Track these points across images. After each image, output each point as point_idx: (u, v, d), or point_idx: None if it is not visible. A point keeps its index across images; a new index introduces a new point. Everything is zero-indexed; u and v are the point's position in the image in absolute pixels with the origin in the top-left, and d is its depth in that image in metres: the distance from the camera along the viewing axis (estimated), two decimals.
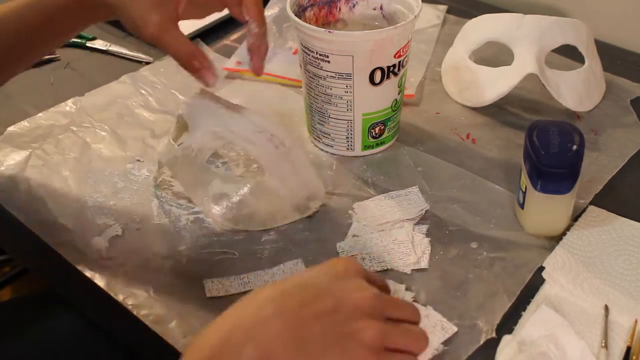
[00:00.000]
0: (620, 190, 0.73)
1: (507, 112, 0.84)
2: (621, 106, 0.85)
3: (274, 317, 0.43)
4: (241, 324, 0.43)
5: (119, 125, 0.83)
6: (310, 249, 0.67)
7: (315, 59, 0.71)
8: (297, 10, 0.75)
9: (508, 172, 0.75)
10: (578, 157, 0.63)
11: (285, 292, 0.44)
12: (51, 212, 0.71)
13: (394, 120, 0.77)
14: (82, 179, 0.76)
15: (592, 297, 0.61)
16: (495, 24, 0.84)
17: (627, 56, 0.94)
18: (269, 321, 0.43)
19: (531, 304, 0.61)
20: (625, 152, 0.78)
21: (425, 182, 0.74)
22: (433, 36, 0.98)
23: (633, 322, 0.59)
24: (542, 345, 0.56)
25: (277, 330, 0.42)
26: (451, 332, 0.58)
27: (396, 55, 0.71)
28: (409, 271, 0.64)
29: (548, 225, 0.67)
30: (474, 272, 0.64)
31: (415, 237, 0.67)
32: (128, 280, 0.64)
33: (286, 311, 0.43)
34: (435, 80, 0.90)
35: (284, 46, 0.96)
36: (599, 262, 0.64)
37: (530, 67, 0.79)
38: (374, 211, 0.70)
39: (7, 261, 1.39)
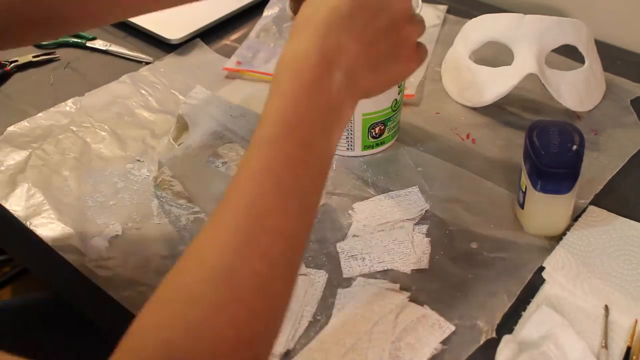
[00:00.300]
0: (620, 190, 0.73)
1: (507, 112, 0.84)
2: (621, 106, 0.85)
3: (351, 44, 0.47)
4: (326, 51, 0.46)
5: (119, 125, 0.83)
6: (310, 249, 0.67)
7: None
8: (297, 10, 0.75)
9: (508, 172, 0.75)
10: (578, 157, 0.63)
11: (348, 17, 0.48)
12: (51, 212, 0.71)
13: (394, 120, 0.77)
14: (82, 179, 0.76)
15: (592, 297, 0.61)
16: (495, 24, 0.84)
17: (627, 56, 0.94)
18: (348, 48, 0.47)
19: (531, 304, 0.61)
20: (625, 152, 0.78)
21: (425, 182, 0.74)
22: (433, 36, 0.98)
23: (633, 322, 0.59)
24: (542, 345, 0.56)
25: (355, 55, 0.47)
26: (449, 332, 0.58)
27: None
28: (409, 271, 0.64)
29: (548, 225, 0.67)
30: (474, 272, 0.64)
31: (415, 237, 0.67)
32: (128, 280, 0.64)
33: (357, 36, 0.48)
34: (435, 80, 0.90)
35: (284, 46, 0.96)
36: (599, 262, 0.64)
37: (530, 67, 0.79)
38: (374, 211, 0.70)
39: (7, 261, 1.39)
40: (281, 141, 0.44)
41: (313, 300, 0.61)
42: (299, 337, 0.59)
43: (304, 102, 0.45)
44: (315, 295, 0.62)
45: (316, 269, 0.64)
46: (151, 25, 0.99)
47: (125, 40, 0.99)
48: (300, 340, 0.58)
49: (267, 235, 0.42)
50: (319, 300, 0.62)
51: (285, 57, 0.47)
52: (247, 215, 0.42)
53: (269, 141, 0.44)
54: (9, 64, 0.93)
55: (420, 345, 0.57)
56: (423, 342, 0.57)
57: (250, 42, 0.97)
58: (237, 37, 1.00)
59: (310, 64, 0.45)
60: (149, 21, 1.00)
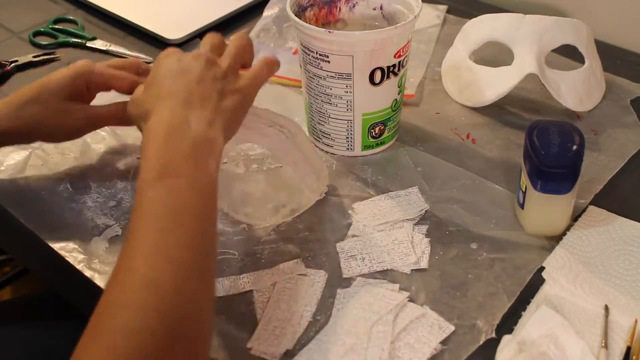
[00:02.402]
0: (620, 190, 0.73)
1: (507, 112, 0.84)
2: (621, 106, 0.85)
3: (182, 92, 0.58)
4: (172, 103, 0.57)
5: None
6: (310, 248, 0.67)
7: (315, 59, 0.71)
8: (297, 10, 0.75)
9: (508, 172, 0.75)
10: (578, 157, 0.63)
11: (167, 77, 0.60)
12: (51, 212, 0.71)
13: (394, 120, 0.77)
14: (82, 179, 0.76)
15: (592, 297, 0.61)
16: (495, 24, 0.84)
17: (627, 56, 0.94)
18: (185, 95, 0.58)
19: (531, 304, 0.61)
20: (625, 152, 0.78)
21: (425, 182, 0.74)
22: (433, 36, 0.98)
23: (633, 322, 0.59)
24: (542, 345, 0.56)
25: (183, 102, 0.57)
26: (448, 332, 0.58)
27: (396, 55, 0.71)
28: (409, 271, 0.64)
29: (548, 225, 0.67)
30: (473, 272, 0.64)
31: (415, 237, 0.67)
32: None
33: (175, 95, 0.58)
34: (435, 80, 0.90)
35: (284, 46, 0.96)
36: (599, 262, 0.64)
37: (530, 67, 0.79)
38: (374, 211, 0.70)
39: (7, 261, 1.39)
40: (158, 180, 0.52)
41: (313, 300, 0.61)
42: (298, 337, 0.59)
43: (168, 147, 0.54)
44: (315, 295, 0.62)
45: (316, 269, 0.64)
46: (151, 25, 0.99)
47: (125, 40, 0.99)
48: (300, 340, 0.58)
49: (172, 248, 0.49)
50: (318, 300, 0.62)
51: (145, 129, 0.56)
52: (153, 238, 0.50)
53: (149, 183, 0.52)
54: (9, 64, 0.93)
55: (419, 345, 0.57)
56: (422, 342, 0.57)
57: None
58: None
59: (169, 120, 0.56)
60: (149, 21, 1.00)
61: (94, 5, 1.06)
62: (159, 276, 0.48)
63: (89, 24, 1.04)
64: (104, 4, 1.05)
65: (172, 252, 0.49)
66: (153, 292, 0.47)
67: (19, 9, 1.07)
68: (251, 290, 0.63)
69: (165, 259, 0.49)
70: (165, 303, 0.47)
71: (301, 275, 0.64)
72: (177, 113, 0.56)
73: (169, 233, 0.50)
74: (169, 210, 0.51)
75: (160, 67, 0.60)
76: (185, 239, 0.50)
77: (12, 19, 1.05)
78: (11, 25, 1.04)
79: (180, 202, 0.52)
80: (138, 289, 0.47)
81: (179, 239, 0.50)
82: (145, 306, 0.46)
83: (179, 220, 0.51)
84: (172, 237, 0.50)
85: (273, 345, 0.57)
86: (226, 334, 0.59)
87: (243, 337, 0.59)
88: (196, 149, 0.54)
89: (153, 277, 0.48)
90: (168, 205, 0.51)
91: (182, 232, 0.50)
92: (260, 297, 0.62)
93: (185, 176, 0.53)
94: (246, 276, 0.64)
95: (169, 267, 0.48)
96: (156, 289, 0.47)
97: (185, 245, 0.50)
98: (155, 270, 0.48)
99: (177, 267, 0.49)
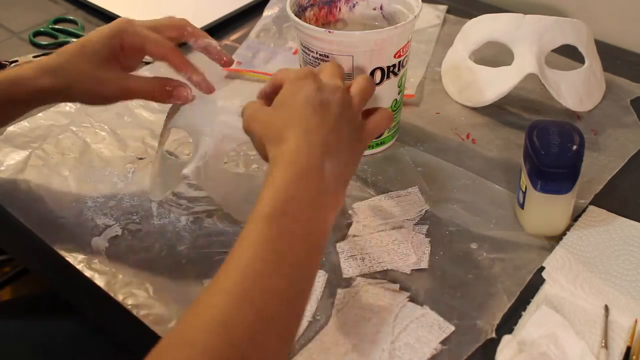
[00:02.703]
0: (620, 190, 0.73)
1: (507, 112, 0.84)
2: (621, 106, 0.85)
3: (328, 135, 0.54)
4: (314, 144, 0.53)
5: (119, 125, 0.83)
6: None
7: (315, 59, 0.71)
8: (297, 10, 0.75)
9: (508, 172, 0.75)
10: (578, 157, 0.63)
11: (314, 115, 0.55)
12: (51, 212, 0.71)
13: (394, 120, 0.77)
14: (82, 179, 0.76)
15: (592, 297, 0.61)
16: (495, 24, 0.84)
17: (627, 56, 0.94)
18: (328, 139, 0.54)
19: (531, 304, 0.61)
20: (625, 152, 0.78)
21: (425, 182, 0.74)
22: (433, 36, 0.98)
23: (633, 322, 0.59)
24: (542, 345, 0.56)
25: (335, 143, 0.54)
26: (448, 332, 0.58)
27: (396, 55, 0.71)
28: (409, 271, 0.64)
29: (548, 225, 0.67)
30: (473, 272, 0.64)
31: (415, 237, 0.67)
32: (128, 280, 0.64)
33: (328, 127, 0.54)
34: (435, 80, 0.90)
35: (284, 46, 0.96)
36: (599, 262, 0.64)
37: (530, 67, 0.79)
38: (373, 211, 0.70)
39: (7, 261, 1.39)
40: (276, 217, 0.49)
41: (313, 300, 0.61)
42: (299, 337, 0.59)
43: (297, 186, 0.51)
44: (315, 295, 0.62)
45: None
46: None
47: None
48: (300, 340, 0.58)
49: (261, 295, 0.46)
50: (318, 300, 0.62)
51: (277, 155, 0.53)
52: (244, 275, 0.46)
53: (265, 217, 0.49)
54: (9, 64, 0.93)
55: (419, 345, 0.57)
56: (423, 342, 0.57)
57: (250, 42, 0.97)
58: (237, 37, 1.00)
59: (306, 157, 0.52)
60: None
61: (94, 5, 1.06)
62: (235, 319, 0.44)
63: (89, 24, 1.04)
64: (104, 4, 1.05)
65: (262, 300, 0.45)
66: (223, 334, 0.43)
67: (19, 9, 1.07)
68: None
69: (252, 306, 0.45)
70: (235, 351, 0.43)
71: None
72: (315, 154, 0.52)
73: (265, 277, 0.46)
74: (273, 253, 0.47)
75: (297, 91, 0.55)
76: (278, 288, 0.47)
77: (12, 19, 1.05)
78: (11, 25, 1.04)
79: (289, 249, 0.48)
80: (209, 329, 0.44)
81: (272, 286, 0.46)
82: (213, 350, 0.43)
83: (281, 267, 0.47)
84: (266, 283, 0.46)
85: None
86: None
87: None
88: (321, 199, 0.51)
89: (229, 318, 0.44)
90: (275, 247, 0.48)
91: (278, 280, 0.47)
92: None
93: (303, 223, 0.50)
94: None
95: (250, 313, 0.45)
96: (228, 331, 0.44)
97: (276, 295, 0.46)
98: (234, 311, 0.44)
99: (260, 316, 0.45)
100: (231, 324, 0.44)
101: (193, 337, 0.43)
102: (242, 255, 0.47)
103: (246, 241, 0.48)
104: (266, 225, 0.48)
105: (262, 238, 0.48)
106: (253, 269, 0.46)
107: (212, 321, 0.44)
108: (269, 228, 0.48)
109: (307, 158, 0.52)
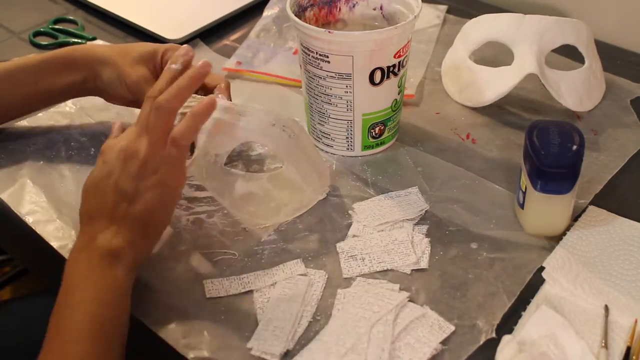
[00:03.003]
0: (620, 190, 0.73)
1: (507, 112, 0.84)
2: (621, 106, 0.85)
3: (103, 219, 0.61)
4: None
5: None
6: (310, 249, 0.67)
7: (315, 59, 0.71)
8: (297, 10, 0.75)
9: (508, 172, 0.75)
10: (578, 157, 0.63)
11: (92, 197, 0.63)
12: (51, 212, 0.71)
13: (394, 120, 0.77)
14: (82, 179, 0.75)
15: (592, 297, 0.61)
16: (495, 24, 0.84)
17: (627, 56, 0.94)
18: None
19: (531, 304, 0.61)
20: (625, 152, 0.78)
21: (425, 182, 0.74)
22: (433, 36, 0.98)
23: (633, 322, 0.59)
24: (542, 345, 0.56)
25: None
26: (449, 332, 0.58)
27: (396, 55, 0.71)
28: (409, 271, 0.64)
29: (548, 225, 0.67)
30: (473, 272, 0.64)
31: (415, 237, 0.67)
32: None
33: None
34: (435, 80, 0.90)
35: (284, 46, 0.96)
36: (599, 262, 0.64)
37: (530, 67, 0.79)
38: (373, 211, 0.70)
39: (7, 261, 1.39)
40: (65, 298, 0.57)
41: (313, 300, 0.61)
42: (298, 337, 0.59)
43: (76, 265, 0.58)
44: (315, 295, 0.62)
45: (316, 269, 0.65)
46: (151, 25, 0.99)
47: (126, 40, 0.99)
48: (300, 340, 0.58)
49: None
50: (318, 300, 0.62)
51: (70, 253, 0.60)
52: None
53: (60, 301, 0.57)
54: None
55: (420, 345, 0.57)
56: (423, 342, 0.57)
57: (250, 42, 0.97)
58: (237, 37, 1.00)
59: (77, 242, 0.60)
60: (149, 21, 1.00)
61: (94, 5, 1.06)
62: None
63: (89, 24, 1.04)
64: (104, 4, 1.05)
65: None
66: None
67: (19, 9, 1.07)
68: (251, 290, 0.63)
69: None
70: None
71: (301, 275, 0.64)
72: (85, 232, 0.60)
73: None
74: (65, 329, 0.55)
75: (90, 176, 0.63)
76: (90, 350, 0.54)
77: (12, 19, 1.05)
78: (11, 25, 1.04)
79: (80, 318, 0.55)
80: None
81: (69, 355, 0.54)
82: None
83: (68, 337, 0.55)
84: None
85: (273, 345, 0.57)
86: (226, 334, 0.59)
87: (243, 337, 0.59)
88: (101, 262, 0.58)
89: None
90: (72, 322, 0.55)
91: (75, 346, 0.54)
92: (260, 297, 0.62)
93: (85, 292, 0.56)
94: (246, 276, 0.64)
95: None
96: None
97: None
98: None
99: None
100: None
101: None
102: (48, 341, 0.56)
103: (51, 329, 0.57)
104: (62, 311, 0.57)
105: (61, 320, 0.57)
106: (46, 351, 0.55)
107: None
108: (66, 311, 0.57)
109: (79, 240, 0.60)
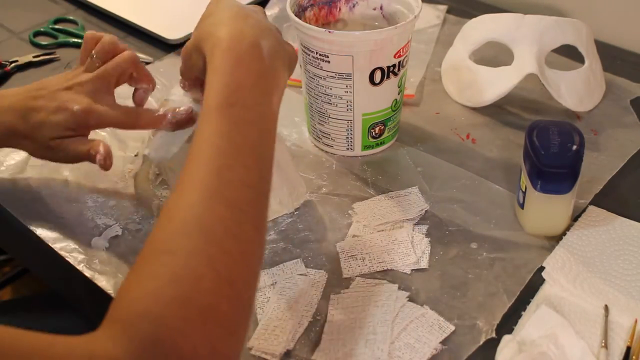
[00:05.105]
0: (620, 190, 0.73)
1: (507, 112, 0.84)
2: (621, 106, 0.85)
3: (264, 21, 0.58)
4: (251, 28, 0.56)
5: None
6: (310, 248, 0.67)
7: (315, 59, 0.71)
8: (297, 10, 0.75)
9: (508, 172, 0.75)
10: (578, 157, 0.63)
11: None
12: (51, 212, 0.71)
13: (394, 120, 0.77)
14: (82, 179, 0.76)
15: (592, 297, 0.61)
16: (495, 24, 0.84)
17: (627, 56, 0.94)
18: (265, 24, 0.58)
19: (531, 304, 0.61)
20: (625, 152, 0.78)
21: (425, 182, 0.74)
22: (433, 36, 0.98)
23: (633, 322, 0.59)
24: (542, 345, 0.56)
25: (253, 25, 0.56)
26: (449, 332, 0.58)
27: (396, 55, 0.71)
28: (409, 271, 0.64)
29: (548, 225, 0.67)
30: (473, 272, 0.64)
31: (415, 237, 0.67)
32: None
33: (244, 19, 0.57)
34: (435, 80, 0.90)
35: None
36: (599, 262, 0.64)
37: (530, 67, 0.79)
38: (373, 211, 0.70)
39: (7, 261, 1.39)
40: (225, 106, 0.50)
41: (313, 300, 0.61)
42: (299, 337, 0.59)
43: (240, 71, 0.52)
44: (315, 295, 0.62)
45: (316, 269, 0.65)
46: (151, 25, 0.99)
47: (125, 40, 0.99)
48: (300, 340, 0.58)
49: (228, 187, 0.47)
50: (319, 300, 0.62)
51: (214, 39, 0.54)
52: (208, 171, 0.47)
53: (215, 108, 0.50)
54: (9, 64, 0.93)
55: (419, 345, 0.57)
56: (423, 342, 0.57)
57: None
58: None
59: (241, 40, 0.54)
60: (149, 21, 1.00)
61: (94, 5, 1.06)
62: (211, 218, 0.45)
63: (89, 24, 1.04)
64: (104, 4, 1.05)
65: (230, 192, 0.46)
66: (204, 236, 0.44)
67: (19, 9, 1.07)
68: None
69: (222, 199, 0.46)
70: (216, 248, 0.44)
71: (301, 275, 0.64)
72: (250, 33, 0.54)
73: (228, 170, 0.47)
74: (231, 145, 0.48)
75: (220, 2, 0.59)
76: (242, 177, 0.48)
77: (12, 19, 1.05)
78: (11, 25, 1.04)
79: (243, 138, 0.49)
80: (186, 232, 0.44)
81: (236, 177, 0.47)
82: (195, 252, 0.43)
83: (240, 157, 0.48)
84: (230, 175, 0.47)
85: (273, 345, 0.57)
86: None
87: None
88: (262, 83, 0.53)
89: (203, 217, 0.45)
90: (231, 138, 0.49)
91: (240, 170, 0.48)
92: (260, 297, 0.62)
93: (251, 110, 0.51)
94: None
95: (223, 209, 0.45)
96: (207, 233, 0.44)
97: (241, 185, 0.47)
98: (208, 211, 0.45)
99: (233, 210, 0.46)
100: (206, 222, 0.45)
101: (172, 243, 0.44)
102: (201, 153, 0.48)
103: (202, 137, 0.49)
104: (218, 118, 0.49)
105: (216, 132, 0.49)
106: (215, 164, 0.47)
107: (187, 223, 0.44)
108: (220, 121, 0.49)
109: (243, 38, 0.53)
